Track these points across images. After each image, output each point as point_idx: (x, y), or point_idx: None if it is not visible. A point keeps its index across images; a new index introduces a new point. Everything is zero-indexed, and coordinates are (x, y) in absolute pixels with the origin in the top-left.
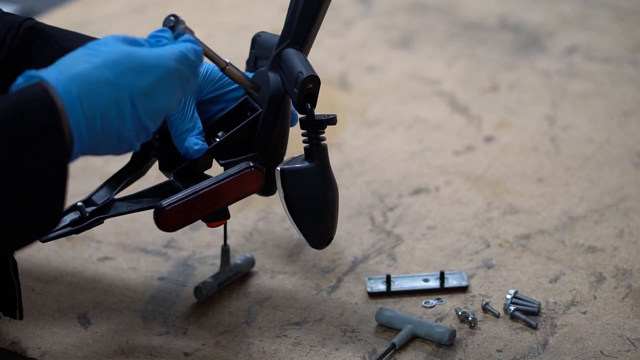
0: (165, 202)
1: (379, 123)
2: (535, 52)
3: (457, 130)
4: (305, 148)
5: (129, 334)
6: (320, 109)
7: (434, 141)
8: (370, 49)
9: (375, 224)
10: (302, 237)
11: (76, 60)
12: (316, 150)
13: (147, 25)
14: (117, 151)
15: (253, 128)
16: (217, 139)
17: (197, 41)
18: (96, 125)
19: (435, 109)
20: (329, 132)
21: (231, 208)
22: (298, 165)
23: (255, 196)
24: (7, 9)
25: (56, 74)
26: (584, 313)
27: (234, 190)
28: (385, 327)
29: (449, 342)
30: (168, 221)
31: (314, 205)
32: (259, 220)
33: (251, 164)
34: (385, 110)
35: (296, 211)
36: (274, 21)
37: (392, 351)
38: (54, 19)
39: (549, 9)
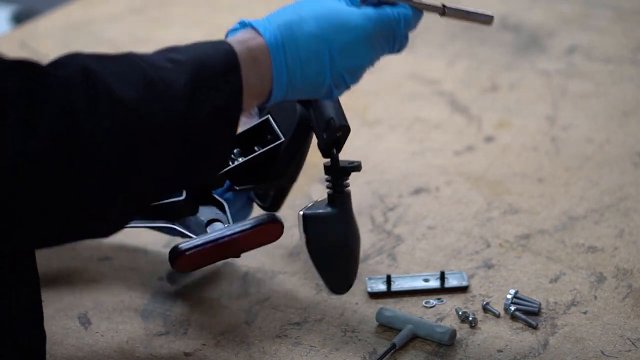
0: (183, 246)
1: (379, 123)
2: (535, 52)
3: (457, 130)
4: (328, 194)
5: (129, 334)
6: None
7: (434, 141)
8: None
9: (375, 224)
10: (322, 282)
11: (285, 11)
12: (339, 197)
13: (147, 25)
14: (317, 96)
15: (273, 156)
16: (233, 157)
17: (406, 5)
18: (296, 73)
19: (435, 109)
20: None
21: None
22: (321, 211)
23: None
24: (6, 9)
25: (266, 23)
26: (585, 313)
27: (252, 241)
28: (385, 327)
29: (449, 342)
30: (183, 264)
31: (336, 251)
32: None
33: (274, 216)
34: (385, 110)
35: (317, 256)
36: None
37: (392, 351)
38: (53, 18)
39: (549, 9)
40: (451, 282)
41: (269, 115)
